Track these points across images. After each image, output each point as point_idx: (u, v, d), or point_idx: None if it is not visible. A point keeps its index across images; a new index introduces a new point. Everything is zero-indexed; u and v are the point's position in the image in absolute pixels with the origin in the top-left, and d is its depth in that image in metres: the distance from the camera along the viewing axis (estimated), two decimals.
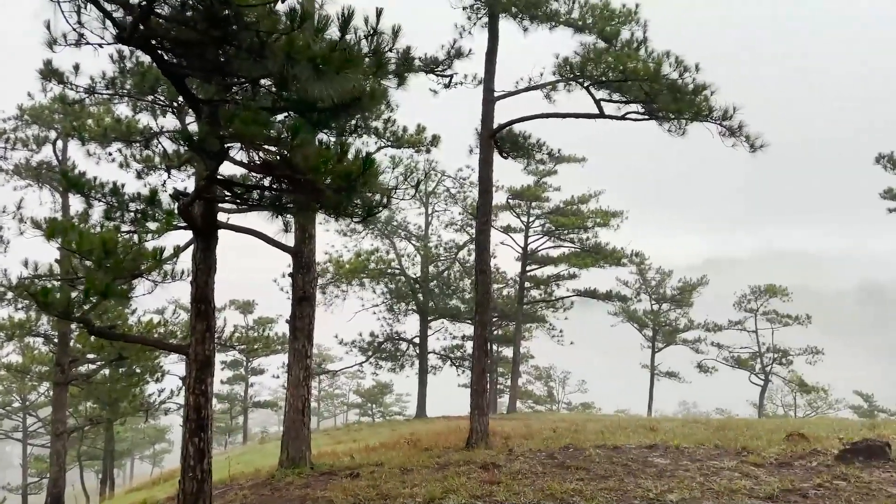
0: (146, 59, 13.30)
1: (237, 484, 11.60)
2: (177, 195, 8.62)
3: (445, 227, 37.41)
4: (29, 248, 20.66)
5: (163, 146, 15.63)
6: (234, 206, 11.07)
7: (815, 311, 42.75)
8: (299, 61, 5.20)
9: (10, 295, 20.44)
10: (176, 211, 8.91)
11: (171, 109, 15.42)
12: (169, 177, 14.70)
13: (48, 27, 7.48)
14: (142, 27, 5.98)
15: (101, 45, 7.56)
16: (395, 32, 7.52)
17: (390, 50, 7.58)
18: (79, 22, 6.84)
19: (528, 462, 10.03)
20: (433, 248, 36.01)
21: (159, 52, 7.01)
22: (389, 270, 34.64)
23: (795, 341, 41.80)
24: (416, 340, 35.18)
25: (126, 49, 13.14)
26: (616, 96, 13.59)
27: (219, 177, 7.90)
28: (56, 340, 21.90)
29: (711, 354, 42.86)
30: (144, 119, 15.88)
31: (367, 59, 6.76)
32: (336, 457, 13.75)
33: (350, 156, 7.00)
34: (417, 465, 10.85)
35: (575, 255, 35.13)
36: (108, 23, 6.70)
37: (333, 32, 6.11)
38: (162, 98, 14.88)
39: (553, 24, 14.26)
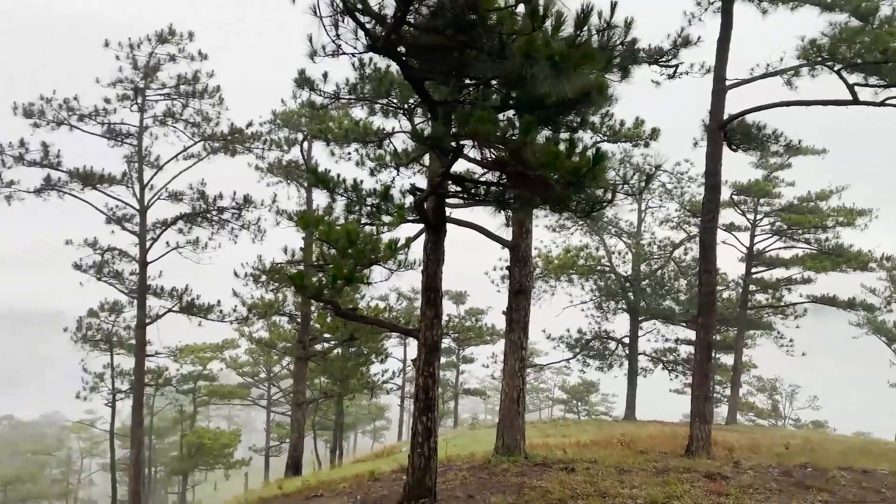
0: (383, 65, 14.36)
1: (455, 465, 12.19)
2: (412, 191, 9.28)
3: (660, 224, 35.96)
4: (277, 238, 23.56)
5: (393, 145, 16.80)
6: (461, 202, 11.59)
7: None
8: (538, 60, 5.35)
9: (263, 278, 23.44)
10: (409, 205, 9.61)
11: (402, 111, 16.58)
12: (398, 174, 15.80)
13: (310, 40, 8.42)
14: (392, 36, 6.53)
15: (353, 55, 8.39)
16: (628, 25, 7.43)
17: (622, 44, 7.50)
18: (337, 34, 7.64)
19: (758, 477, 9.33)
20: (646, 245, 34.76)
21: (403, 58, 7.62)
22: (599, 267, 34.05)
23: None
24: (626, 340, 34.25)
25: (366, 57, 14.36)
26: (873, 80, 12.06)
27: (451, 173, 8.38)
28: (299, 320, 24.68)
29: None
30: (377, 121, 17.22)
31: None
32: (548, 449, 13.88)
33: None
34: (633, 466, 10.61)
35: (811, 258, 31.78)
36: (361, 33, 7.42)
37: (567, 29, 6.21)
38: (395, 101, 16.05)
39: (796, 3, 13.03)
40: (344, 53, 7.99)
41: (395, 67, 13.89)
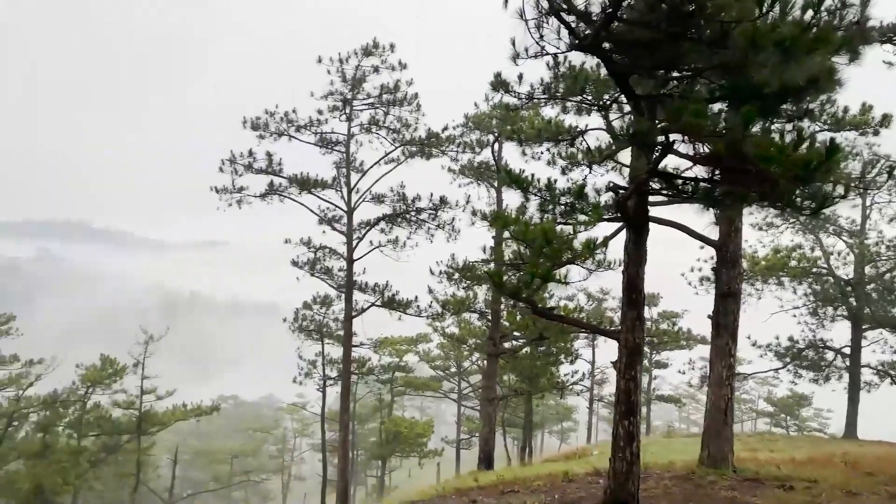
0: (577, 62, 14.15)
1: (654, 473, 11.76)
2: (613, 189, 9.08)
3: (889, 221, 31.75)
4: (468, 237, 24.22)
5: (587, 143, 16.52)
6: (664, 199, 11.16)
7: None
8: (765, 46, 4.99)
9: (456, 276, 24.26)
10: (605, 203, 9.40)
11: (595, 108, 16.27)
12: (590, 172, 15.50)
13: (513, 43, 8.54)
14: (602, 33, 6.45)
15: (556, 55, 8.40)
16: (864, 3, 6.68)
17: (856, 23, 6.77)
18: (540, 36, 7.70)
19: None
20: (872, 245, 30.93)
21: (608, 54, 7.50)
22: (814, 269, 30.91)
23: None
24: (846, 350, 30.73)
25: (561, 56, 14.27)
26: None
27: (658, 170, 8.10)
28: (489, 317, 25.22)
29: None
30: (568, 119, 17.03)
31: None
32: (758, 464, 12.90)
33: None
34: (862, 489, 9.53)
35: None
36: (564, 33, 7.40)
37: (794, 12, 5.72)
38: (588, 98, 15.79)
39: None
40: (546, 54, 8.02)
41: (589, 64, 13.65)
